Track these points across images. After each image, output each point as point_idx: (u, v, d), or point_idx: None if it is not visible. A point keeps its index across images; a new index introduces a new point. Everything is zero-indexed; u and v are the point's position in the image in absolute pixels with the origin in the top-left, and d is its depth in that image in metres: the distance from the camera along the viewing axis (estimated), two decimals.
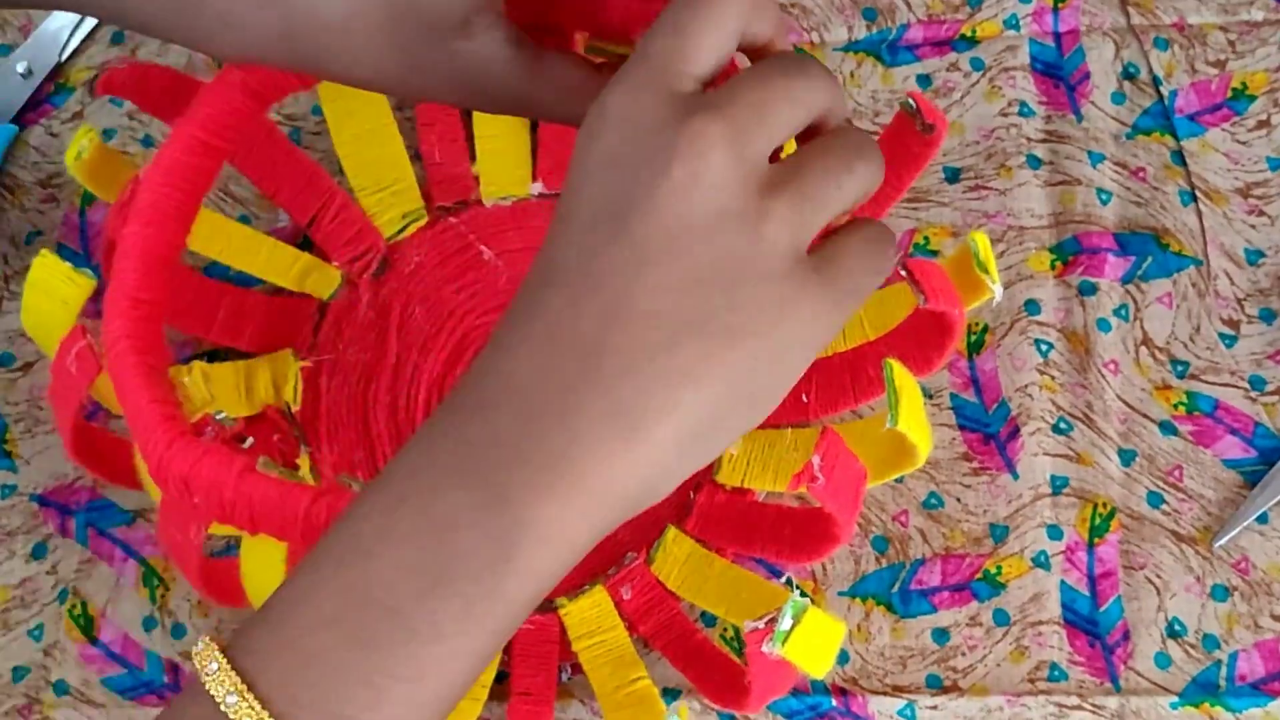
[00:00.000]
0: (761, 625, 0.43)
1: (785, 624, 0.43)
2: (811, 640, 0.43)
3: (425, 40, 0.40)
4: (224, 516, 0.39)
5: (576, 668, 0.53)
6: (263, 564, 0.43)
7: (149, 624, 0.55)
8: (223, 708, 0.33)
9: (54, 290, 0.46)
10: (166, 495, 0.41)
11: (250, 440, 0.55)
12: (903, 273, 0.47)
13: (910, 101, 0.50)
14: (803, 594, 0.50)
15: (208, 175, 0.47)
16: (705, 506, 0.54)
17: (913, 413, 0.45)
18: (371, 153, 0.59)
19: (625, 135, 0.35)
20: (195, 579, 0.45)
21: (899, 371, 0.45)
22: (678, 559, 0.54)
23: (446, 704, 0.35)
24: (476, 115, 0.60)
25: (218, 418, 0.44)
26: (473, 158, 0.60)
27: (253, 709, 0.33)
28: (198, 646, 0.34)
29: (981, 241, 0.47)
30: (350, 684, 0.33)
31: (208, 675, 0.33)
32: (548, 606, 0.54)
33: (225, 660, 0.33)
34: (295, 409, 0.57)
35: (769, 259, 0.34)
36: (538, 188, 0.59)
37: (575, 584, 0.54)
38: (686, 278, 0.34)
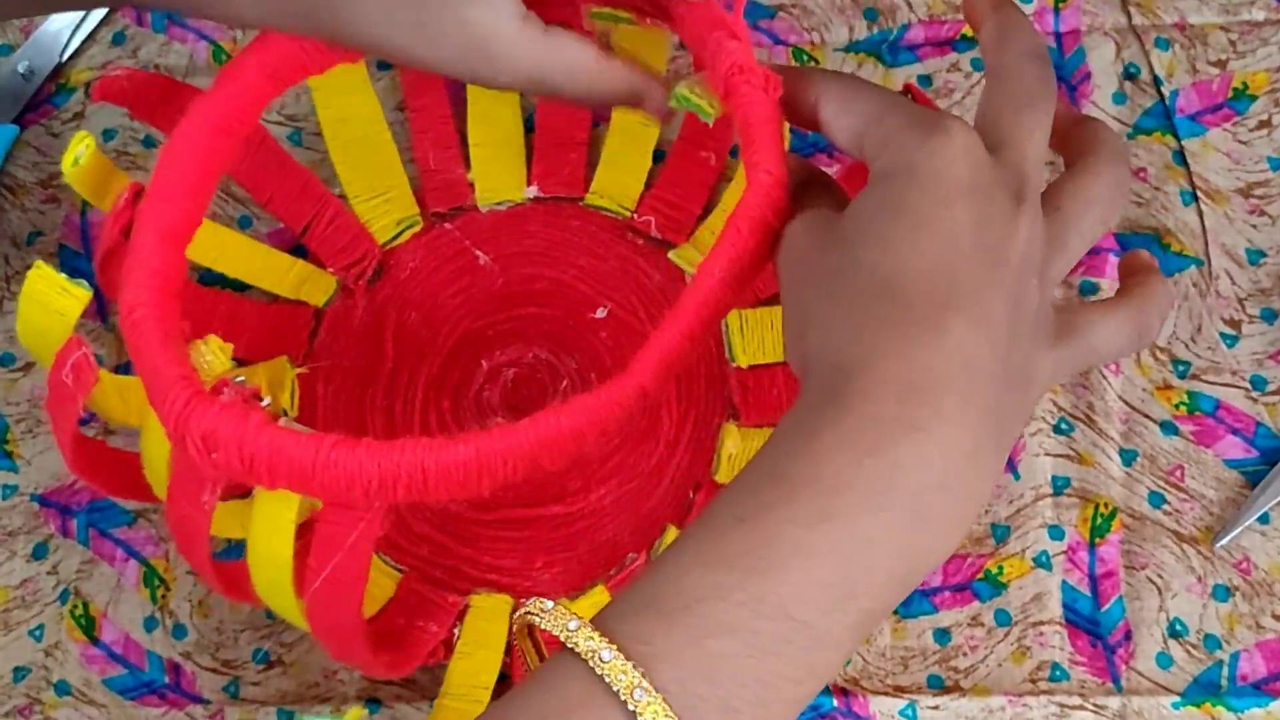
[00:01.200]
0: None
1: None
2: None
3: (434, 6, 0.41)
4: (243, 471, 0.39)
5: None
6: (270, 528, 0.42)
7: (150, 624, 0.55)
8: (630, 704, 0.33)
9: (49, 301, 0.46)
10: (184, 455, 0.41)
11: (269, 399, 0.55)
12: None
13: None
14: None
15: (223, 156, 0.46)
16: (704, 507, 0.54)
17: None
18: (365, 159, 0.59)
19: (982, 189, 0.38)
20: (202, 558, 0.45)
21: None
22: None
23: (812, 697, 0.36)
24: (470, 121, 0.60)
25: (236, 380, 0.44)
26: (467, 164, 0.60)
27: (658, 706, 0.33)
28: (569, 624, 0.34)
29: None
30: (748, 685, 0.34)
31: (602, 663, 0.33)
32: None
33: (618, 650, 0.33)
34: (292, 416, 0.57)
35: (1036, 327, 0.39)
36: (532, 192, 0.59)
37: (576, 585, 0.54)
38: (1012, 328, 0.37)
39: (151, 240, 0.44)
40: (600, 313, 0.57)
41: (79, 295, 0.46)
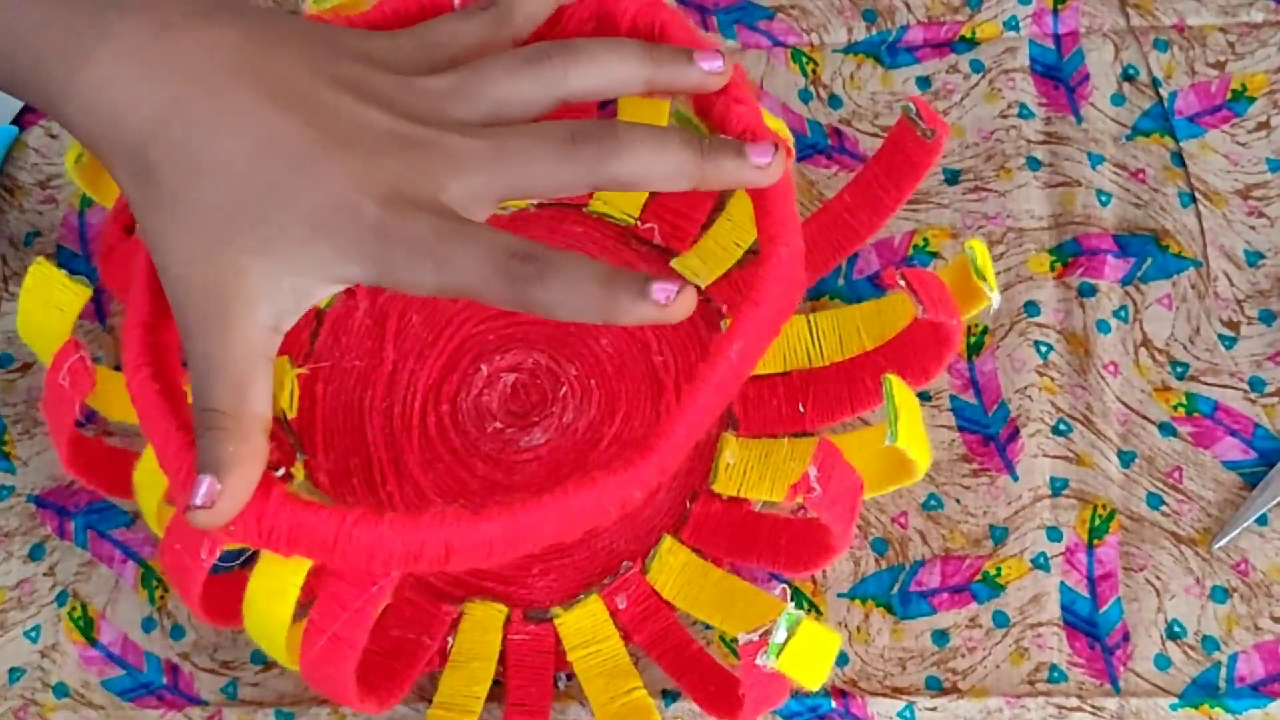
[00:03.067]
0: (756, 637, 0.43)
1: (779, 636, 0.43)
2: (806, 652, 0.43)
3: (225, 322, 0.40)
4: (260, 542, 0.39)
5: (574, 675, 0.53)
6: (272, 589, 0.42)
7: (148, 625, 0.55)
8: None
9: (50, 298, 0.46)
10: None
11: (282, 470, 0.55)
12: (901, 283, 0.46)
13: (910, 106, 0.50)
14: (799, 604, 0.50)
15: None
16: (701, 516, 0.54)
17: (912, 429, 0.45)
18: None
19: None
20: (194, 600, 0.45)
21: (899, 387, 0.45)
22: (673, 569, 0.54)
23: None
24: None
25: None
26: None
27: None
28: None
29: (979, 249, 0.47)
30: None
31: None
32: (542, 616, 0.54)
33: None
34: (291, 416, 0.57)
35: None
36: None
37: (571, 593, 0.54)
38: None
39: (144, 290, 0.43)
40: None
41: (79, 291, 0.46)
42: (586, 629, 0.53)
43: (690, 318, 0.39)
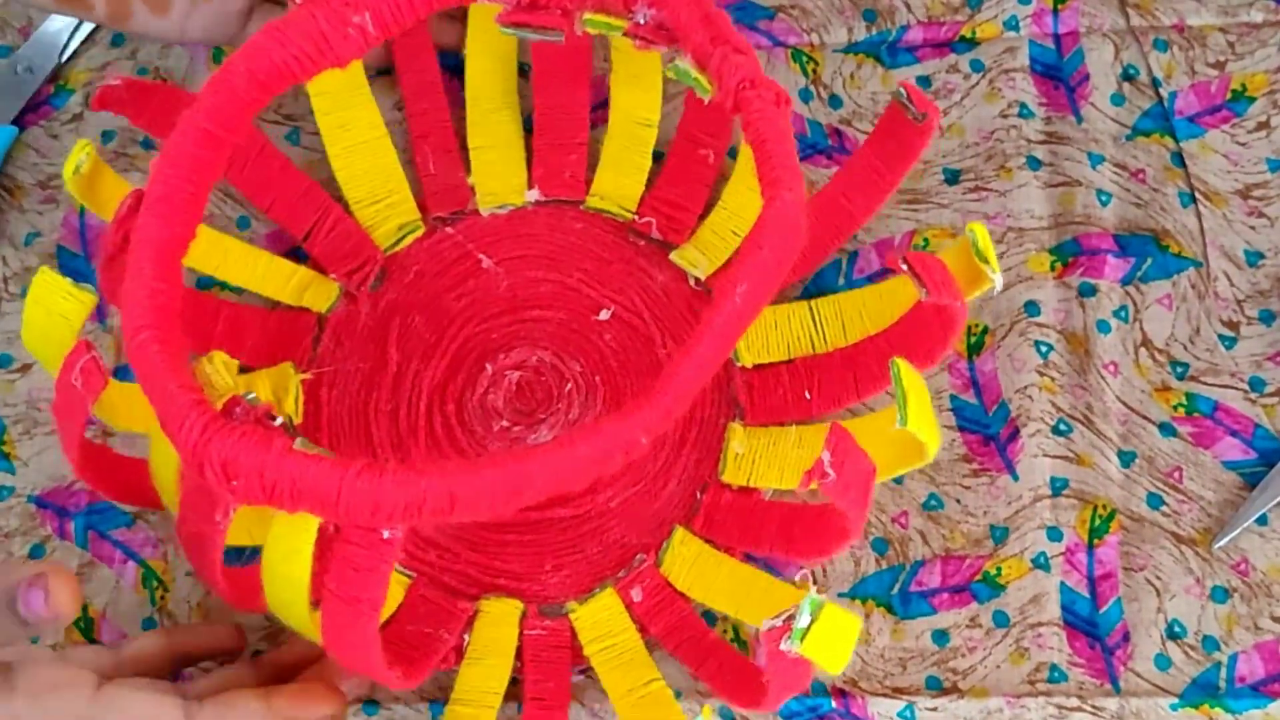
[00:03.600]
0: (779, 623, 0.43)
1: (803, 621, 0.43)
2: (829, 636, 0.43)
3: None
4: (264, 497, 0.39)
5: (589, 670, 0.53)
6: (287, 550, 0.42)
7: (148, 626, 0.55)
8: None
9: (54, 306, 0.46)
10: (201, 481, 0.40)
11: (281, 419, 0.55)
12: (904, 267, 0.46)
13: (901, 91, 0.50)
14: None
15: (215, 167, 0.46)
16: (711, 506, 0.54)
17: (921, 412, 0.45)
18: (366, 164, 0.59)
19: None
20: (215, 571, 0.45)
21: (906, 371, 0.45)
22: (687, 560, 0.54)
23: None
24: (470, 124, 0.59)
25: (247, 398, 0.44)
26: (467, 167, 0.60)
27: None
28: None
29: (980, 232, 0.47)
30: None
31: None
32: (558, 611, 0.54)
33: None
34: (297, 422, 0.57)
35: None
36: (533, 195, 0.59)
37: (585, 588, 0.54)
38: None
39: (149, 256, 0.43)
40: (604, 315, 0.57)
41: (84, 300, 0.46)
42: (602, 622, 0.53)
43: (693, 311, 0.39)
